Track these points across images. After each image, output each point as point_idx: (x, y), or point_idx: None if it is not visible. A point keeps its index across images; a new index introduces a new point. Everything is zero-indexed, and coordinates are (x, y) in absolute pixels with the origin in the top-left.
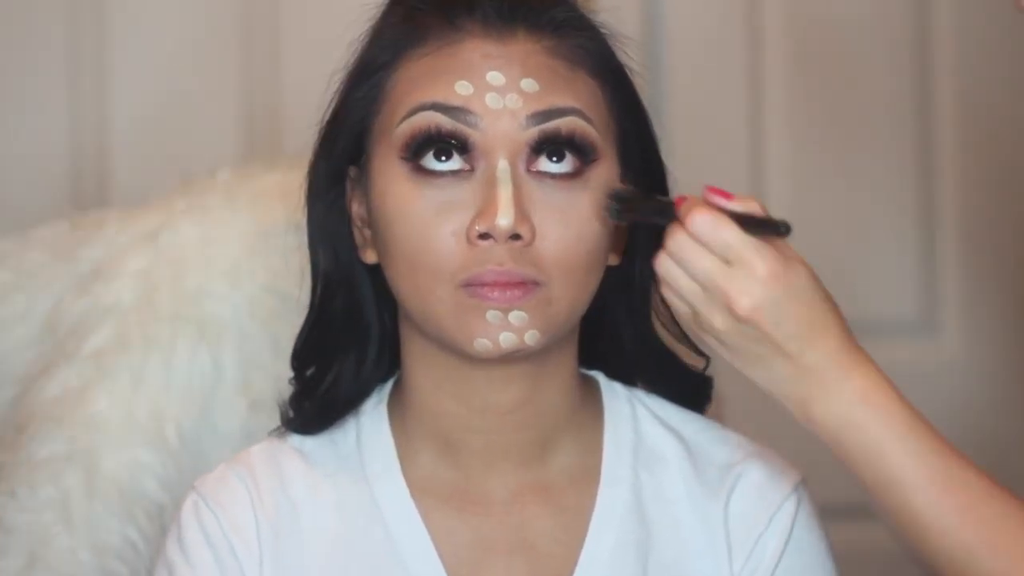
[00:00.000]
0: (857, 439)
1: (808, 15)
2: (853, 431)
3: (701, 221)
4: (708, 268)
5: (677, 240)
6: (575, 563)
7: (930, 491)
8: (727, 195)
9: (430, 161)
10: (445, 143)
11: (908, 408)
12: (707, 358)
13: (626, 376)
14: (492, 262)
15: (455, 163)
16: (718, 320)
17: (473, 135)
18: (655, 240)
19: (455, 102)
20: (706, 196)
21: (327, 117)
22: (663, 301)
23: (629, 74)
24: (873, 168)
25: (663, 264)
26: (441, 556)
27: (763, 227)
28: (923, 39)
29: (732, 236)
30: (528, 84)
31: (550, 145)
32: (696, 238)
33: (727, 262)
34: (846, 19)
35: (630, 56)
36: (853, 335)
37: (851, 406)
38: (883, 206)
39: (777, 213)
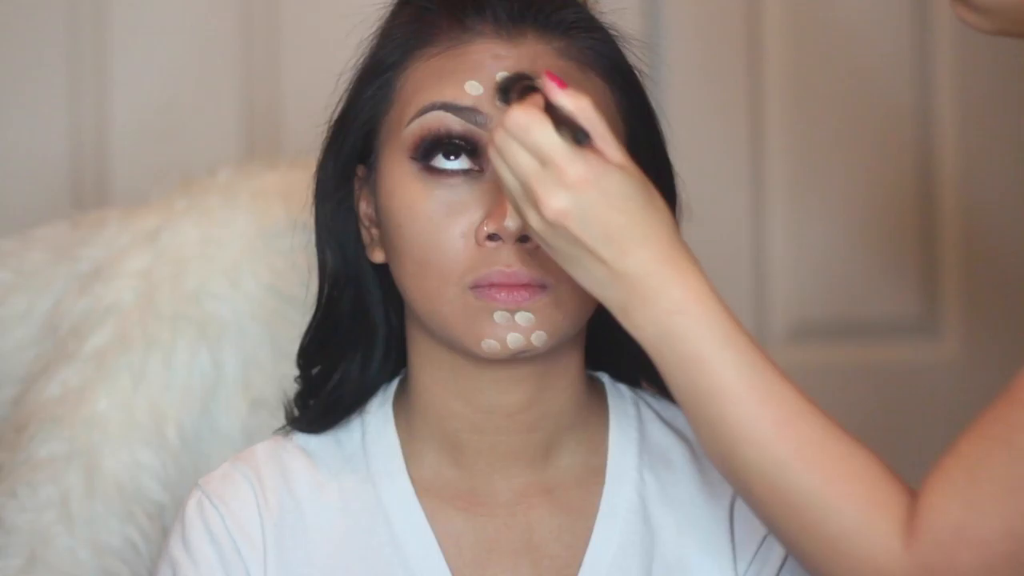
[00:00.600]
0: (675, 348)
1: (808, 15)
2: (671, 340)
3: (514, 121)
4: (524, 165)
5: (500, 136)
6: (580, 564)
7: (747, 403)
8: (561, 83)
9: (439, 161)
10: (454, 144)
11: (729, 319)
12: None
13: (631, 378)
14: (500, 263)
15: (464, 163)
16: (532, 219)
17: (483, 136)
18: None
19: (465, 102)
20: (543, 82)
21: (335, 116)
22: None
23: (638, 76)
24: (873, 168)
25: (492, 156)
26: (446, 556)
27: (575, 130)
28: (923, 39)
29: (543, 138)
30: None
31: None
32: (512, 135)
33: (542, 162)
34: (846, 19)
35: (639, 57)
36: (681, 242)
37: (669, 316)
38: (883, 206)
39: (777, 212)
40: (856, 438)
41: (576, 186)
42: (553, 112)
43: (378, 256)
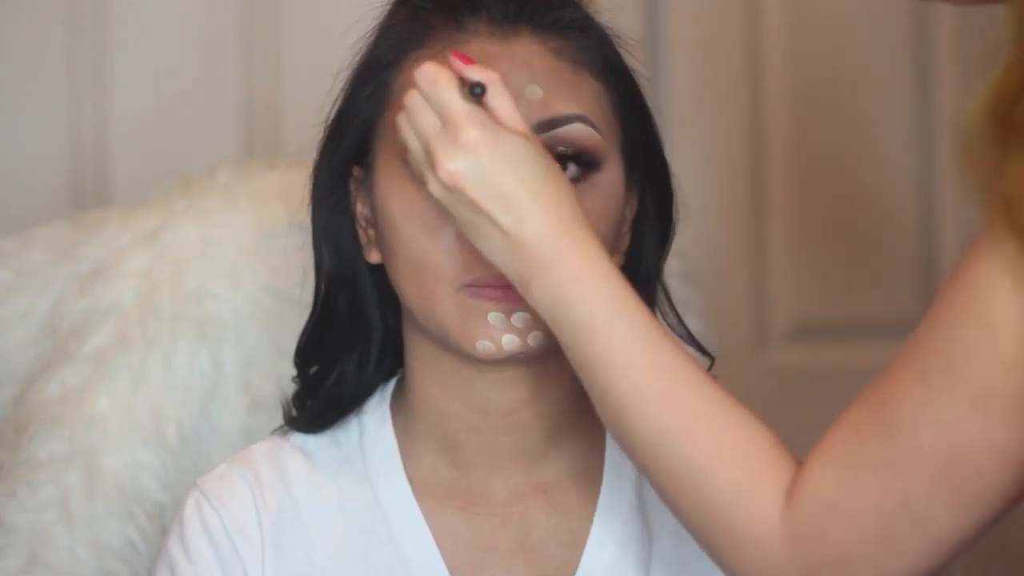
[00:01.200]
0: (568, 318)
1: (807, 15)
2: (564, 310)
3: (422, 73)
4: (427, 126)
5: (408, 96)
6: (577, 563)
7: (633, 372)
8: (467, 61)
9: None
10: None
11: (623, 290)
12: (711, 358)
13: None
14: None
15: None
16: (432, 184)
17: None
18: (659, 244)
19: None
20: (450, 59)
21: (331, 116)
22: (668, 301)
23: (634, 76)
24: (873, 168)
25: (399, 121)
26: (443, 556)
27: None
28: (923, 38)
29: (447, 95)
30: (532, 91)
31: (555, 152)
32: (419, 90)
33: (443, 123)
34: (846, 19)
35: (635, 57)
36: (580, 213)
37: (560, 286)
38: (883, 206)
39: (777, 212)
40: (748, 409)
41: (472, 147)
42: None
43: (374, 257)
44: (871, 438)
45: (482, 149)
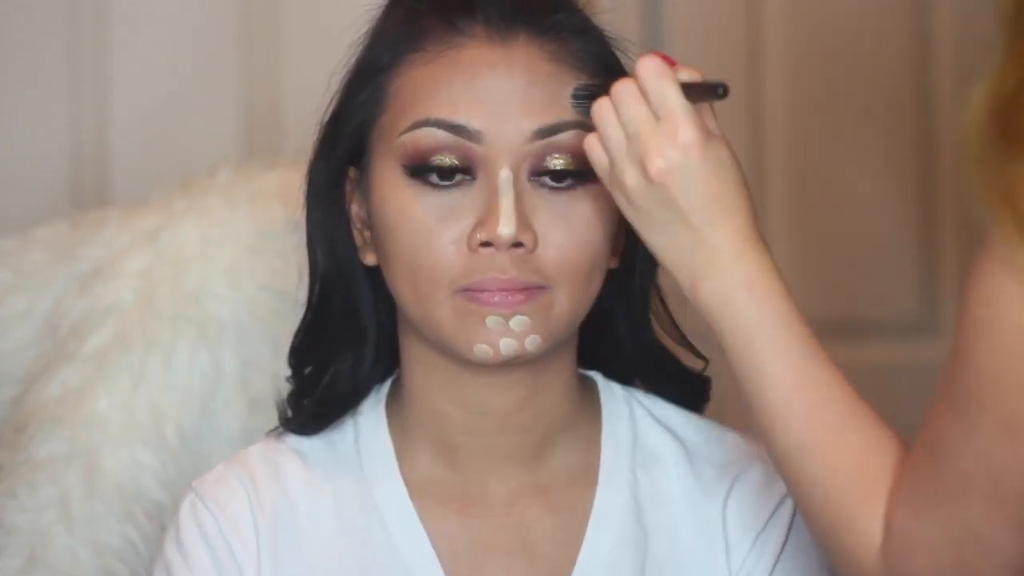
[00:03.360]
0: (732, 323)
1: (808, 15)
2: (730, 314)
3: (648, 65)
4: (638, 117)
5: (622, 84)
6: (573, 564)
7: (785, 386)
8: (672, 62)
9: (431, 170)
10: (445, 167)
11: (789, 303)
12: (706, 360)
13: (624, 376)
14: (494, 270)
15: (456, 166)
16: (631, 176)
17: (476, 149)
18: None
19: (458, 120)
20: (652, 56)
21: (327, 118)
22: (662, 303)
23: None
24: (873, 168)
25: (600, 109)
26: (440, 558)
27: (703, 92)
28: (923, 38)
29: (671, 91)
30: (532, 96)
31: (553, 155)
32: (640, 83)
33: (658, 118)
34: (846, 19)
35: (633, 60)
36: (758, 223)
37: (734, 289)
38: (883, 206)
39: (777, 212)
40: (890, 430)
41: (688, 148)
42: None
43: (370, 258)
44: (925, 469)
45: (696, 151)
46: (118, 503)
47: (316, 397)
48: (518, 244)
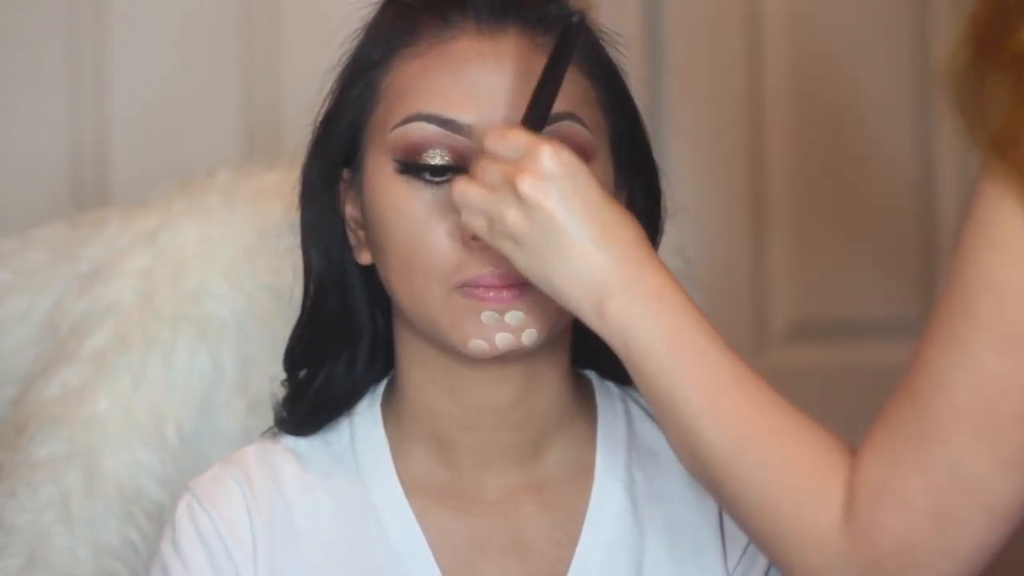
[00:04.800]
0: (647, 334)
1: (808, 15)
2: (644, 326)
3: (491, 135)
4: (496, 170)
5: (474, 161)
6: (570, 561)
7: (712, 386)
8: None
9: (423, 168)
10: (437, 165)
11: (698, 310)
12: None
13: (619, 375)
14: (490, 265)
15: (448, 164)
16: (510, 214)
17: (466, 143)
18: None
19: (449, 114)
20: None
21: (320, 117)
22: None
23: (621, 72)
24: (873, 168)
25: (458, 187)
26: (436, 556)
27: (559, 61)
28: (923, 38)
29: (522, 135)
30: (522, 88)
31: None
32: (490, 153)
33: (520, 154)
34: (846, 19)
35: (622, 53)
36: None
37: (644, 301)
38: (883, 205)
39: (777, 212)
40: (805, 415)
41: (553, 164)
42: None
43: (365, 258)
44: (908, 411)
45: (564, 167)
46: (118, 503)
47: (311, 398)
48: None
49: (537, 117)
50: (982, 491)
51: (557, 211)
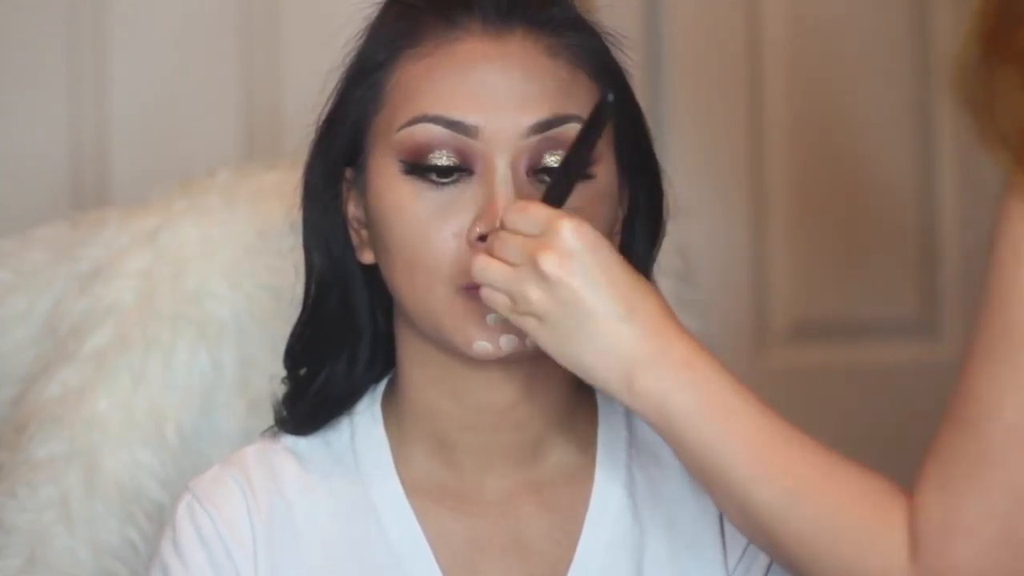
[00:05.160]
0: (682, 402)
1: (808, 16)
2: (678, 394)
3: (512, 209)
4: (518, 245)
5: (493, 236)
6: (570, 561)
7: (757, 445)
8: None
9: (430, 169)
10: (443, 166)
11: (725, 368)
12: None
13: None
14: None
15: (455, 165)
16: (533, 292)
17: (473, 144)
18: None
19: (455, 116)
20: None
21: (323, 116)
22: None
23: (626, 75)
24: (873, 168)
25: (478, 262)
26: (436, 556)
27: (591, 132)
28: (923, 38)
29: (543, 210)
30: (528, 90)
31: (550, 152)
32: (510, 228)
33: (539, 231)
34: (846, 20)
35: (628, 56)
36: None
37: (676, 370)
38: (883, 206)
39: (777, 212)
40: (850, 460)
41: (577, 239)
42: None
43: (367, 257)
44: (960, 439)
45: (589, 242)
46: (118, 503)
47: (311, 397)
48: None
49: (559, 194)
50: None
51: (582, 289)
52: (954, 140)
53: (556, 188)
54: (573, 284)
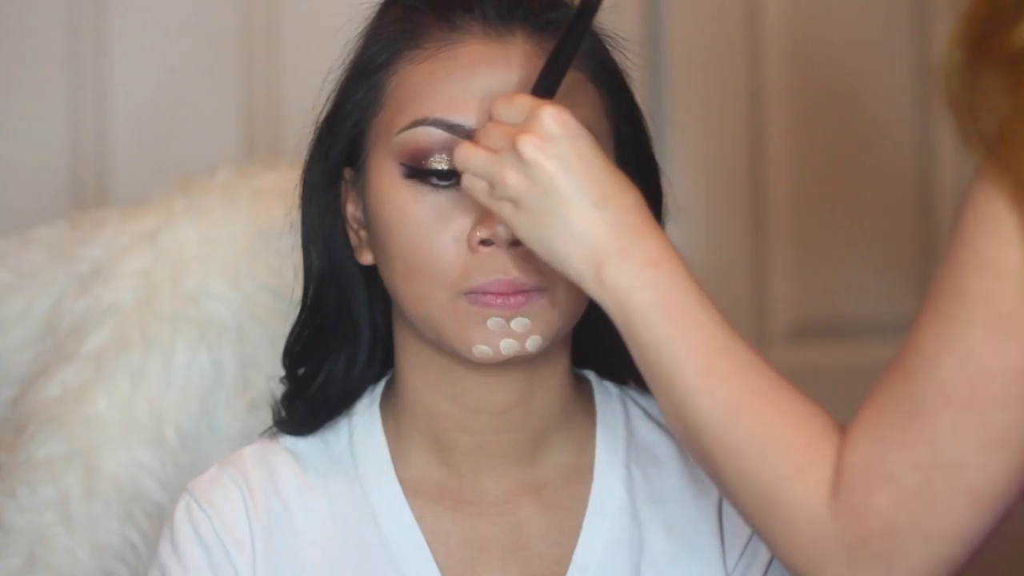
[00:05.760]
0: (642, 300)
1: (807, 15)
2: (641, 291)
3: (498, 99)
4: (501, 132)
5: (481, 126)
6: (569, 562)
7: (706, 353)
8: None
9: (430, 173)
10: (444, 169)
11: (694, 280)
12: None
13: (618, 375)
14: (497, 271)
15: (454, 169)
16: (510, 176)
17: None
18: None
19: (455, 119)
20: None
21: (322, 117)
22: None
23: (626, 77)
24: (873, 168)
25: (460, 150)
26: (435, 556)
27: (573, 36)
28: (923, 38)
29: (528, 99)
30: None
31: None
32: (496, 119)
33: (524, 116)
34: (846, 19)
35: (628, 58)
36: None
37: (642, 266)
38: (883, 205)
39: (777, 212)
40: (798, 390)
41: (556, 124)
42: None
43: (366, 258)
44: (897, 389)
45: (568, 128)
46: (118, 503)
47: (310, 398)
48: (517, 242)
49: (547, 85)
50: (965, 472)
51: (557, 171)
52: (954, 140)
53: (545, 79)
54: (548, 167)
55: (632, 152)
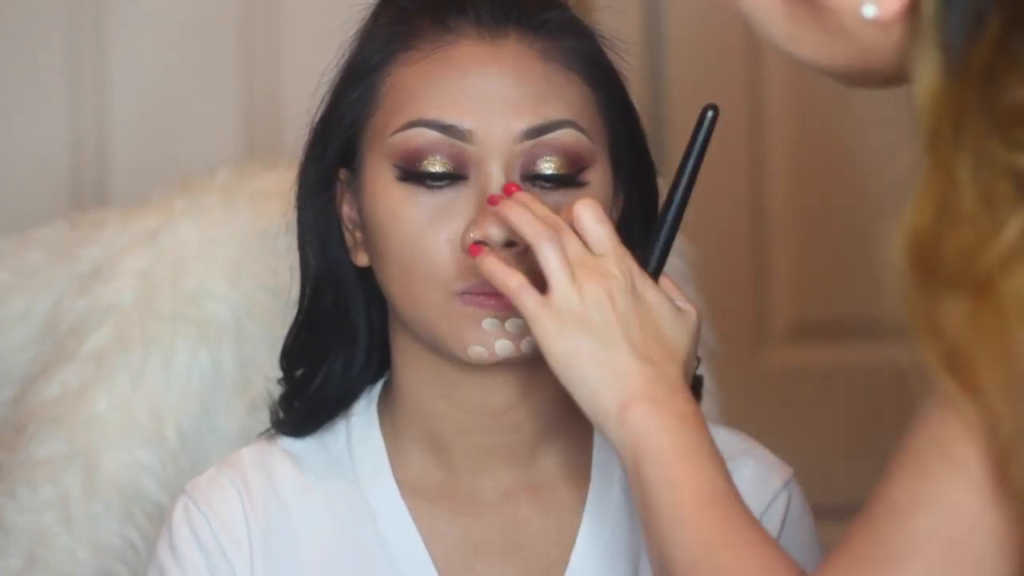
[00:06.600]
0: (661, 442)
1: None
2: (662, 435)
3: (584, 205)
4: (576, 246)
5: (577, 206)
6: (567, 562)
7: (699, 499)
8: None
9: (423, 175)
10: (438, 171)
11: (713, 443)
12: (698, 358)
13: None
14: None
15: (449, 171)
16: (565, 285)
17: (467, 149)
18: (644, 240)
19: (449, 120)
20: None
21: (317, 118)
22: None
23: (621, 77)
24: (873, 168)
25: (547, 235)
26: (433, 557)
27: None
28: None
29: (609, 233)
30: (522, 95)
31: (544, 157)
32: (577, 222)
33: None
34: None
35: (624, 58)
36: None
37: (669, 418)
38: (883, 205)
39: (777, 212)
40: (779, 547)
41: (624, 270)
42: None
43: (362, 259)
44: (867, 533)
45: (631, 275)
46: (117, 503)
47: (307, 399)
48: (510, 243)
49: (655, 258)
50: None
51: (615, 307)
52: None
53: (651, 249)
54: (610, 301)
55: (627, 151)
